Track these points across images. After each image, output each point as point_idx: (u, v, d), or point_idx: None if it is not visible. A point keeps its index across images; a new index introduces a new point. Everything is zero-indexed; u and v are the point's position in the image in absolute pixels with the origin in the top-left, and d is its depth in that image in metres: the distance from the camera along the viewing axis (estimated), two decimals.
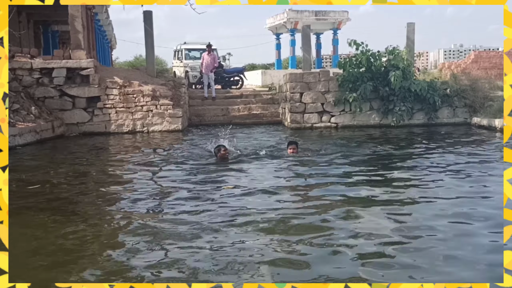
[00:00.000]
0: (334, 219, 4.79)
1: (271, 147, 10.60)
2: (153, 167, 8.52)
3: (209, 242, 4.25)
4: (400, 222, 4.78)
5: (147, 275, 3.60)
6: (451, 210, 5.10)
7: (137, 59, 66.69)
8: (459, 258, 3.83)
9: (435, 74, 17.41)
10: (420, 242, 4.18)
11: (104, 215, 5.39)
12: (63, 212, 5.57)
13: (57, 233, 4.76)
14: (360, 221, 4.75)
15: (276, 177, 7.09)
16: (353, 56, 15.22)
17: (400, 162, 8.41)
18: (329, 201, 5.53)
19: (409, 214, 5.05)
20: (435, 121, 15.03)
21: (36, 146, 11.78)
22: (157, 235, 4.50)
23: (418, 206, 5.35)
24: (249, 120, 17.11)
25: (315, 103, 15.13)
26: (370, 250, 4.01)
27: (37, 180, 7.51)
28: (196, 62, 22.86)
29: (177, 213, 5.25)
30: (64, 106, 14.34)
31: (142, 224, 4.91)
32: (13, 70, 13.92)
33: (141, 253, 4.07)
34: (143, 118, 14.82)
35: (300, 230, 4.50)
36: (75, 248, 4.29)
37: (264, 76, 24.21)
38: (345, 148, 10.23)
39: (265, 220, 4.80)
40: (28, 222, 5.22)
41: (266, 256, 3.87)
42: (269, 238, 4.28)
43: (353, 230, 4.45)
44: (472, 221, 4.73)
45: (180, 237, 4.41)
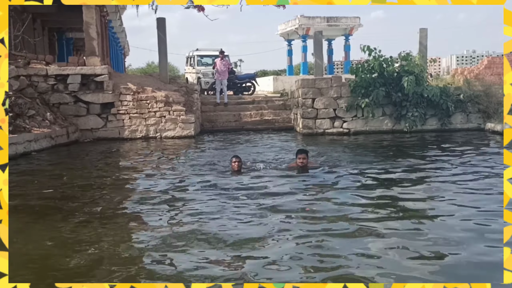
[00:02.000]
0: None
1: (274, 160, 9.71)
2: (165, 174, 8.47)
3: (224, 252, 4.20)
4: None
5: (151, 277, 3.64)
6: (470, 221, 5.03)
7: (150, 65, 67.21)
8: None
9: (448, 80, 17.34)
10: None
11: (113, 219, 5.45)
12: (72, 215, 5.65)
13: (64, 235, 4.85)
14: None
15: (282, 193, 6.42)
16: (366, 61, 15.21)
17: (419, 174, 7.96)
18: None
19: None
20: (448, 126, 14.96)
21: (51, 151, 11.92)
22: (163, 240, 4.54)
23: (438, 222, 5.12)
24: (261, 126, 17.15)
25: (327, 108, 15.14)
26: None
27: (51, 184, 7.62)
28: (208, 68, 23.00)
29: (187, 221, 5.23)
30: (78, 112, 14.50)
31: (150, 228, 4.96)
32: (28, 77, 14.12)
33: (148, 257, 4.11)
34: (156, 124, 14.92)
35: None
36: (82, 249, 4.37)
37: (275, 82, 24.30)
38: (359, 158, 9.81)
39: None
40: (38, 224, 5.32)
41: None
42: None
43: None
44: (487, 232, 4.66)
45: (189, 244, 4.41)
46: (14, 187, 7.38)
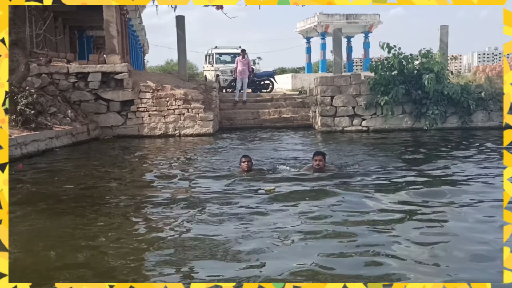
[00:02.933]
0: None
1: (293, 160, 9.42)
2: (181, 173, 8.37)
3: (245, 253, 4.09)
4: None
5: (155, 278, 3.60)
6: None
7: (169, 63, 67.55)
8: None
9: (469, 77, 17.10)
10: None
11: (125, 218, 5.45)
12: (87, 211, 5.72)
13: (75, 231, 4.90)
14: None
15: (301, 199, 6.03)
16: (385, 59, 15.10)
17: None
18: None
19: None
20: (469, 124, 14.78)
21: (72, 148, 12.08)
22: (173, 242, 4.47)
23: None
24: (279, 124, 17.13)
25: (346, 106, 15.07)
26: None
27: (69, 181, 7.72)
28: (227, 66, 23.04)
29: (199, 220, 5.18)
30: (99, 109, 14.66)
31: (161, 228, 4.91)
32: (50, 75, 14.32)
33: (155, 256, 4.07)
34: (175, 121, 15.02)
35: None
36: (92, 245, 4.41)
37: (294, 79, 24.27)
38: (381, 159, 9.33)
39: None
40: (52, 220, 5.39)
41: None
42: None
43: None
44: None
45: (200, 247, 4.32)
46: (34, 184, 7.51)
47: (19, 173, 8.37)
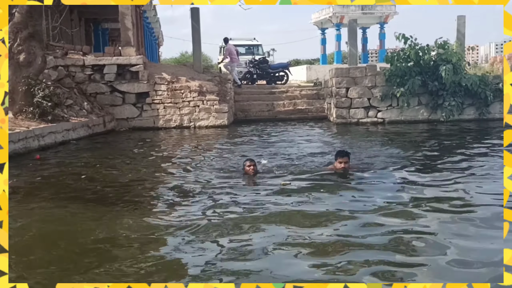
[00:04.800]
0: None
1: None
2: (195, 168, 8.06)
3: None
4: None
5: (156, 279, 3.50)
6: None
7: (183, 55, 67.62)
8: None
9: (487, 68, 16.86)
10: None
11: (135, 211, 5.40)
12: (99, 203, 5.75)
13: (86, 222, 4.94)
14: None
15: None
16: (401, 50, 14.95)
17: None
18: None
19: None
20: (486, 116, 14.61)
21: (89, 140, 12.19)
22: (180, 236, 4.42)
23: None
24: (294, 116, 17.08)
25: (361, 98, 14.97)
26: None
27: (84, 172, 7.77)
28: (241, 57, 23.00)
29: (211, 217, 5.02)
30: (114, 101, 14.76)
31: (170, 225, 4.79)
32: (66, 67, 14.45)
33: (164, 256, 3.97)
34: (190, 113, 15.06)
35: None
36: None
37: (309, 71, 24.14)
38: (401, 155, 8.74)
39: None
40: (64, 210, 5.44)
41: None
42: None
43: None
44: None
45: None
46: (49, 176, 7.60)
47: (36, 164, 8.48)
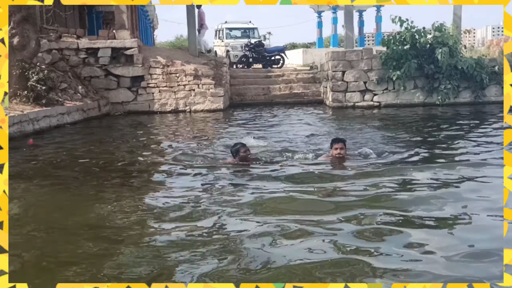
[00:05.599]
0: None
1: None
2: (189, 153, 7.84)
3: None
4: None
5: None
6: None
7: (178, 39, 67.16)
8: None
9: (483, 51, 16.84)
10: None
11: (129, 195, 5.37)
12: (93, 187, 5.73)
13: (80, 205, 4.94)
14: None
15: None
16: (397, 33, 14.88)
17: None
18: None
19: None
20: (482, 99, 14.61)
21: (84, 124, 12.15)
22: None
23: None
24: (290, 100, 17.05)
25: (357, 81, 14.93)
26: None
27: (78, 156, 7.76)
28: (237, 41, 22.88)
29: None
30: (109, 85, 14.67)
31: (163, 211, 4.70)
32: (60, 50, 14.32)
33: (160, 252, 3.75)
34: (185, 97, 15.00)
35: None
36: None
37: (305, 55, 23.99)
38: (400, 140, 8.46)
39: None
40: (58, 194, 5.47)
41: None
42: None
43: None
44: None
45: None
46: (43, 160, 7.57)
47: (31, 149, 8.45)
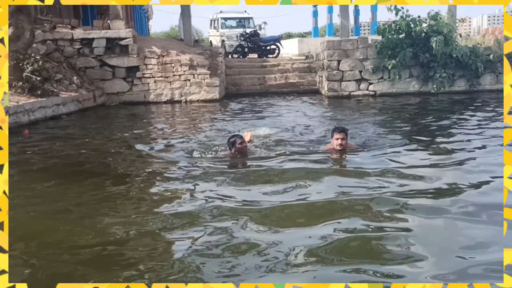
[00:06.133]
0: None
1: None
2: (185, 145, 7.66)
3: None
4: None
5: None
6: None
7: (173, 29, 66.83)
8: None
9: (478, 40, 16.85)
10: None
11: (123, 187, 5.33)
12: (87, 178, 5.69)
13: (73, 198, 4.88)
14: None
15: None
16: (393, 22, 14.88)
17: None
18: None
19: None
20: (477, 87, 14.66)
21: (79, 115, 12.13)
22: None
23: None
24: (286, 89, 17.05)
25: (353, 70, 14.94)
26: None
27: (73, 147, 7.75)
28: (232, 31, 22.80)
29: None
30: (104, 76, 14.63)
31: (155, 205, 4.65)
32: (55, 41, 14.25)
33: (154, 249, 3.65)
34: (181, 87, 14.98)
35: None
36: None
37: (300, 44, 23.95)
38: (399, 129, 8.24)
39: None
40: (54, 186, 5.45)
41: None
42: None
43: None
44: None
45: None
46: (38, 151, 7.57)
47: (26, 140, 8.44)
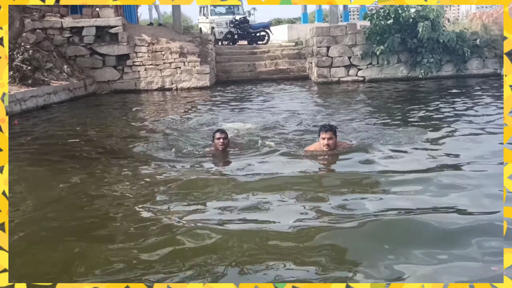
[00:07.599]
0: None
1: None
2: (175, 133, 7.68)
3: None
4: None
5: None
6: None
7: (162, 16, 66.31)
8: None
9: (465, 24, 17.00)
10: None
11: (116, 174, 5.39)
12: (79, 166, 5.79)
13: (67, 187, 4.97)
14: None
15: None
16: (381, 8, 14.99)
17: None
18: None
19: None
20: (464, 72, 14.85)
21: (70, 104, 12.19)
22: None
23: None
24: (276, 76, 17.14)
25: (342, 57, 15.07)
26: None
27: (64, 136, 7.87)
28: (222, 17, 22.78)
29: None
30: (95, 64, 14.65)
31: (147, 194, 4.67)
32: (44, 30, 14.25)
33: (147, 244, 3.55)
34: (171, 75, 15.04)
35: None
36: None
37: (290, 30, 23.97)
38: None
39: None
40: (47, 175, 5.55)
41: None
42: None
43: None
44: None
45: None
46: (31, 140, 7.66)
47: (17, 129, 8.53)
